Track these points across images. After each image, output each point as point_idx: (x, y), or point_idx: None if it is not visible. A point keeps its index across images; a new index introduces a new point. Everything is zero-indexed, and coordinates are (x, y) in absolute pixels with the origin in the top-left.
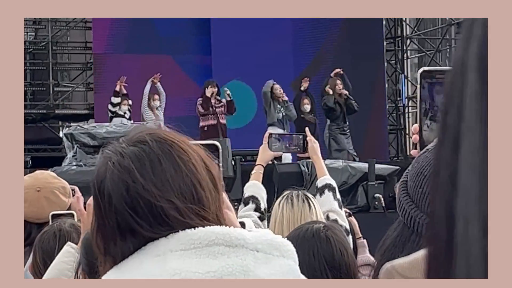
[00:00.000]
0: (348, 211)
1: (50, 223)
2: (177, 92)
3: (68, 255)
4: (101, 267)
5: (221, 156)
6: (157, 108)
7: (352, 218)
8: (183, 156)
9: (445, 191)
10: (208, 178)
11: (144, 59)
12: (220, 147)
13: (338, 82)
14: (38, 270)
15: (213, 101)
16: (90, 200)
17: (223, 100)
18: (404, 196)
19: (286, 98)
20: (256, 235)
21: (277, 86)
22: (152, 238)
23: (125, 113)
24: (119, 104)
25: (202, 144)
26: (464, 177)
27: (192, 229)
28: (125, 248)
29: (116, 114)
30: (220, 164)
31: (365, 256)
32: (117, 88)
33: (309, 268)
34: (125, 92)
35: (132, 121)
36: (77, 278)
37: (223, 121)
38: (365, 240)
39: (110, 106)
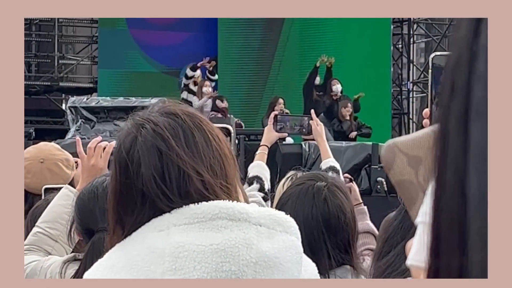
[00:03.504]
0: (349, 176)
1: (43, 197)
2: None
3: (66, 198)
4: (109, 235)
5: (233, 140)
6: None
7: (353, 184)
8: (212, 132)
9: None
10: (231, 157)
11: (148, 34)
12: (232, 131)
13: (349, 105)
14: None
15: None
16: (92, 144)
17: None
18: None
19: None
20: (259, 210)
21: (281, 100)
22: (162, 212)
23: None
24: (193, 77)
25: None
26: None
27: (196, 203)
28: (139, 217)
29: (186, 87)
30: (232, 148)
31: (365, 223)
32: (199, 64)
33: (306, 226)
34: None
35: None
36: (71, 235)
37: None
38: (365, 207)
39: (184, 79)
